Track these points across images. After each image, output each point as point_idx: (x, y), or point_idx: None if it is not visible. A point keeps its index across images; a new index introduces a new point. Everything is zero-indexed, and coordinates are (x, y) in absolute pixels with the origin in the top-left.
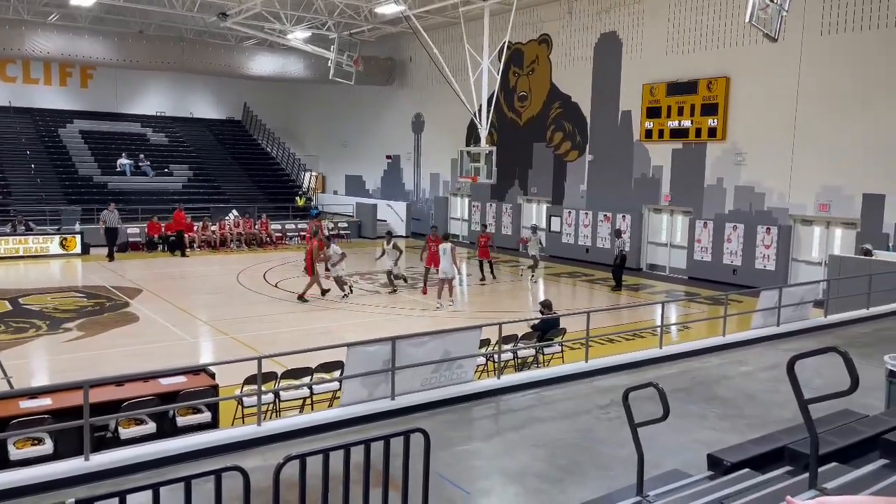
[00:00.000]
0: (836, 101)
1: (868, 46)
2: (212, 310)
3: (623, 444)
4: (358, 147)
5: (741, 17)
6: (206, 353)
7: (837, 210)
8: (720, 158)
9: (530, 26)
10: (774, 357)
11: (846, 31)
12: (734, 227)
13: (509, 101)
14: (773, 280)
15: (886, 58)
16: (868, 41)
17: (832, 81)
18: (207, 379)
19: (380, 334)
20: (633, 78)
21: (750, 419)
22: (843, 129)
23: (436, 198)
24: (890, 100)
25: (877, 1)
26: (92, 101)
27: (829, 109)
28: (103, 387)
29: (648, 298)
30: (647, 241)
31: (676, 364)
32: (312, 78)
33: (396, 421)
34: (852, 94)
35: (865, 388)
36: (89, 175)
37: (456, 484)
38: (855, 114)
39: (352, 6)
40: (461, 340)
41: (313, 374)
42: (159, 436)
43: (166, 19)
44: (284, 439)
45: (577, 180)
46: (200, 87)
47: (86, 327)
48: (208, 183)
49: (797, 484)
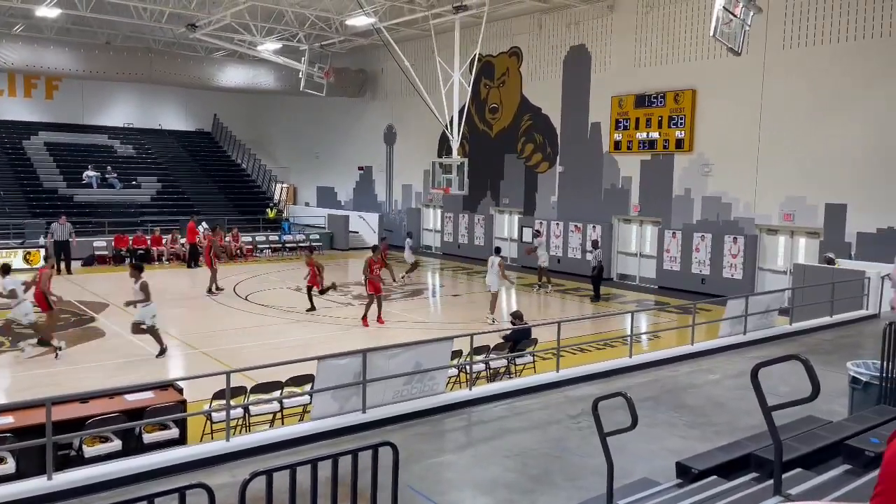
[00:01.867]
0: (799, 113)
1: (828, 60)
2: (181, 324)
3: (594, 453)
4: (330, 159)
5: (706, 32)
6: (175, 368)
7: (801, 219)
8: (687, 169)
9: (501, 39)
10: (741, 365)
11: (807, 46)
12: (702, 237)
13: (480, 112)
14: (740, 289)
15: (846, 71)
16: (828, 55)
17: (795, 94)
18: (175, 394)
19: (351, 347)
20: (602, 90)
21: (718, 427)
22: (806, 141)
23: (408, 209)
24: (850, 112)
25: (836, 17)
26: (57, 112)
27: (793, 121)
28: (67, 404)
29: (619, 308)
30: (618, 252)
31: (646, 373)
32: (283, 89)
33: (368, 434)
34: (814, 107)
35: (829, 395)
36: (54, 188)
37: (427, 496)
38: (817, 125)
39: (323, 18)
40: (433, 352)
41: (283, 388)
42: (125, 453)
43: (134, 30)
44: (254, 455)
45: (547, 191)
46: (169, 99)
47: None
48: (177, 195)
49: (763, 490)
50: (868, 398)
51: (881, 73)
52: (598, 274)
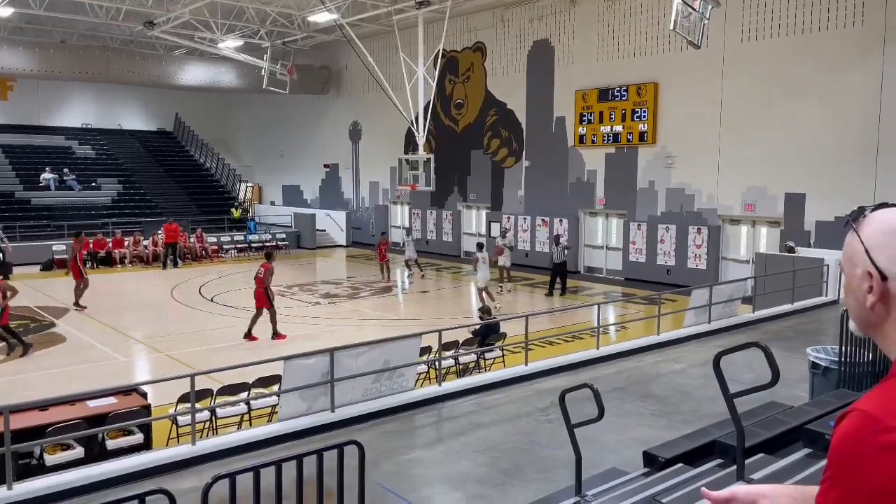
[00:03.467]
0: (759, 104)
1: (785, 52)
2: (145, 327)
3: (563, 445)
4: (295, 157)
5: (667, 25)
6: (139, 372)
7: (762, 209)
8: (651, 162)
9: (464, 34)
10: (706, 353)
11: (765, 38)
12: (667, 229)
13: (446, 108)
14: (704, 279)
15: (803, 62)
16: (786, 46)
17: (753, 86)
18: (139, 399)
19: (321, 346)
20: (566, 85)
21: (684, 415)
22: (766, 132)
23: (376, 206)
24: (808, 102)
25: (792, 9)
26: (12, 113)
27: (752, 113)
28: (26, 412)
29: (586, 300)
30: (584, 244)
31: (613, 364)
32: (245, 87)
33: (337, 433)
34: (773, 98)
35: (791, 380)
36: (10, 191)
37: (397, 493)
38: (776, 116)
39: (284, 14)
40: (401, 349)
41: (251, 389)
42: (88, 460)
43: (90, 28)
44: (220, 458)
45: (514, 186)
46: (129, 98)
47: (7, 350)
48: (139, 196)
49: (726, 476)
50: (828, 383)
51: (838, 63)
52: (562, 268)
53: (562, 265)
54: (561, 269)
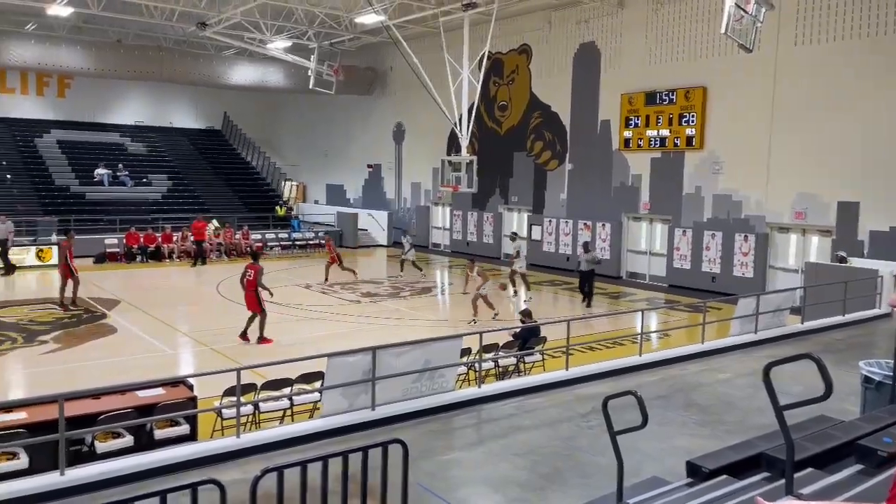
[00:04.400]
0: (812, 109)
1: (841, 56)
2: (191, 321)
3: (604, 451)
4: (339, 156)
5: (716, 28)
6: (185, 364)
7: (813, 218)
8: (698, 167)
9: (510, 36)
10: (752, 364)
11: (819, 43)
12: (712, 235)
13: (489, 110)
14: (750, 287)
15: (858, 67)
16: (841, 51)
17: (807, 91)
18: (186, 391)
19: (361, 344)
20: (612, 88)
21: (728, 426)
22: (819, 138)
23: (417, 207)
24: (863, 108)
25: (848, 13)
26: (69, 110)
27: (805, 118)
28: (79, 400)
29: (628, 306)
30: (627, 250)
31: (656, 371)
32: (293, 87)
33: (377, 431)
34: (826, 103)
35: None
36: (66, 185)
37: (437, 494)
38: (829, 122)
39: (332, 16)
40: (442, 350)
41: (293, 385)
42: (136, 449)
43: (145, 29)
44: (264, 451)
45: (557, 189)
46: (180, 97)
47: (62, 339)
48: (188, 193)
49: (774, 490)
50: (881, 397)
51: (895, 69)
52: (589, 276)
53: (588, 273)
54: (588, 277)
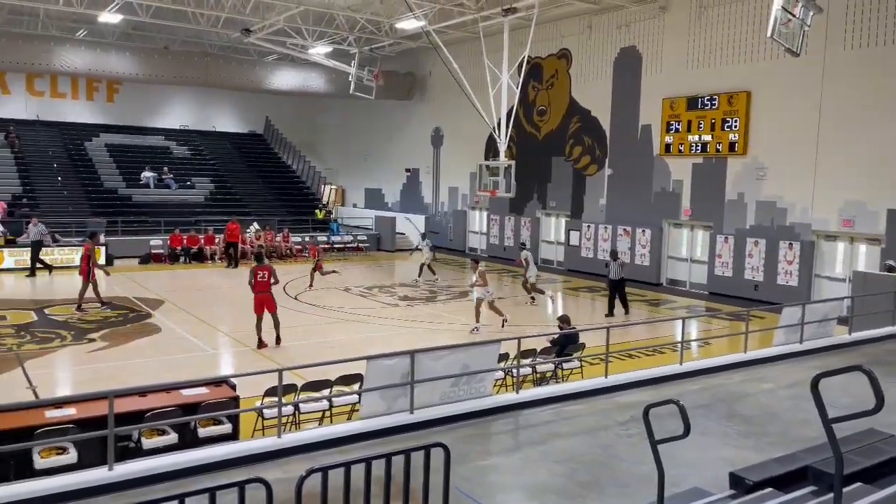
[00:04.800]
0: (860, 115)
1: (890, 61)
2: (233, 321)
3: (643, 460)
4: (377, 160)
5: (761, 32)
6: (227, 364)
7: (861, 226)
8: (741, 173)
9: (550, 41)
10: (797, 374)
11: (869, 46)
12: (755, 243)
13: (528, 115)
14: (795, 296)
15: None
16: (890, 55)
17: (856, 95)
18: (228, 391)
19: (399, 347)
20: (653, 92)
21: (772, 437)
22: (867, 144)
23: (454, 211)
24: None
25: None
26: (117, 114)
27: (853, 124)
28: (127, 397)
29: (669, 314)
30: (667, 256)
31: (697, 380)
32: (333, 92)
33: (415, 435)
34: (876, 109)
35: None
36: (114, 187)
37: (474, 498)
38: (878, 128)
39: (372, 21)
40: (480, 354)
41: (333, 386)
42: (181, 446)
43: (191, 35)
44: (304, 451)
45: (596, 194)
46: (223, 102)
47: (109, 338)
48: (230, 196)
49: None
50: None
51: None
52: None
53: (619, 282)
54: (619, 286)
